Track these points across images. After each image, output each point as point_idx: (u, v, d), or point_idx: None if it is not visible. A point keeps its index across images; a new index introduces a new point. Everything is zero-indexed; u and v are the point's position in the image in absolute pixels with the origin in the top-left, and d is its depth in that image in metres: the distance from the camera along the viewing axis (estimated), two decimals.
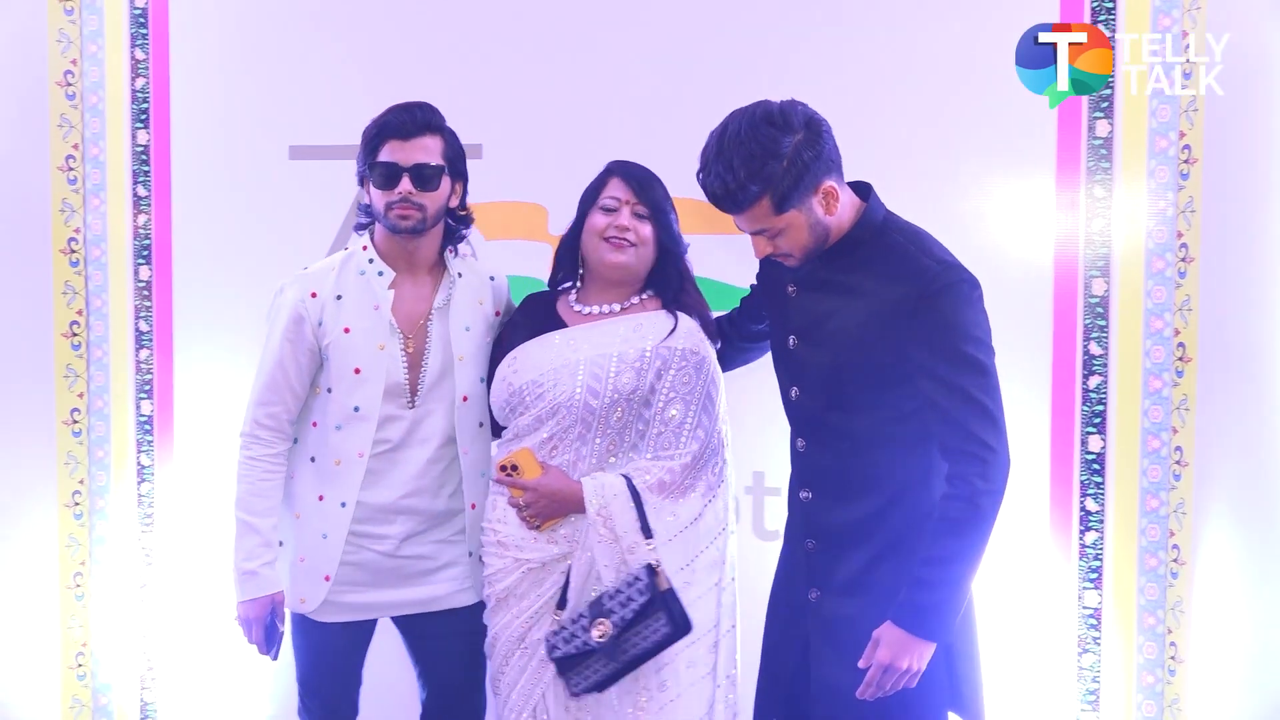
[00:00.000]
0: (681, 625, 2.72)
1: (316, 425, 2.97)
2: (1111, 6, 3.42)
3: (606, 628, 2.73)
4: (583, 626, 2.76)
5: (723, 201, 2.55)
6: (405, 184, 2.86)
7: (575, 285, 3.00)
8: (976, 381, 2.51)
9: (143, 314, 4.04)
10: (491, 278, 3.09)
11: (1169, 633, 3.43)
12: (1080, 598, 3.52)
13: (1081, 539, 3.52)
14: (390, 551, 2.96)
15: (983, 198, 3.54)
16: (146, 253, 4.03)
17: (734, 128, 2.52)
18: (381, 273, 2.95)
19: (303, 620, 3.02)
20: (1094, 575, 3.51)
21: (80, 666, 4.10)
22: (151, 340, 4.04)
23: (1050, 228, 3.50)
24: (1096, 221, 3.47)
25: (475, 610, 3.01)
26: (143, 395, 4.06)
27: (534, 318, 2.98)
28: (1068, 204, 3.49)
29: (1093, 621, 3.51)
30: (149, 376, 4.05)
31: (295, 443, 3.00)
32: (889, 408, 2.61)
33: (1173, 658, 3.43)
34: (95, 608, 4.08)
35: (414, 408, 2.94)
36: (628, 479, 2.81)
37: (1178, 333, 3.41)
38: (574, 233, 2.96)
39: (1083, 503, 3.52)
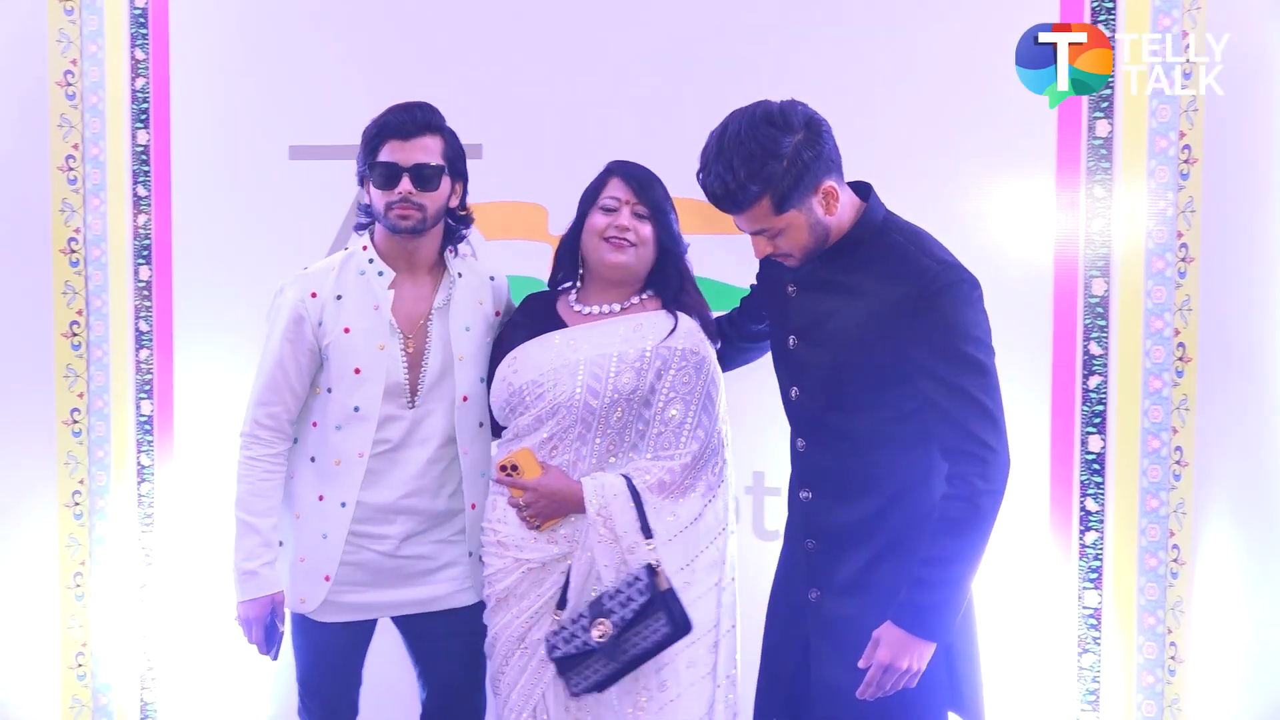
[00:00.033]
0: (681, 625, 2.72)
1: (316, 425, 2.97)
2: (1111, 6, 3.42)
3: (606, 628, 2.73)
4: (583, 626, 2.75)
5: (723, 202, 2.55)
6: (405, 184, 2.86)
7: (575, 285, 3.00)
8: (976, 381, 2.51)
9: (143, 314, 4.04)
10: (491, 278, 3.09)
11: (1169, 633, 3.43)
12: (1080, 598, 3.52)
13: (1081, 539, 3.52)
14: (390, 551, 2.96)
15: (983, 198, 3.54)
16: (146, 253, 4.03)
17: (734, 128, 2.52)
18: (381, 273, 2.95)
19: (303, 620, 3.02)
20: (1094, 575, 3.51)
21: (80, 666, 4.10)
22: (151, 340, 4.04)
23: (1050, 228, 3.50)
24: (1096, 221, 3.47)
25: (475, 610, 3.01)
26: (143, 395, 4.06)
27: (534, 318, 2.98)
28: (1068, 204, 3.49)
29: (1093, 621, 3.51)
30: (149, 376, 4.05)
31: (295, 443, 3.00)
32: (889, 408, 2.61)
33: (1173, 658, 3.43)
34: (95, 608, 4.08)
35: (414, 408, 2.94)
36: (628, 479, 2.81)
37: (1178, 333, 3.41)
38: (574, 233, 2.96)
39: (1083, 503, 3.52)
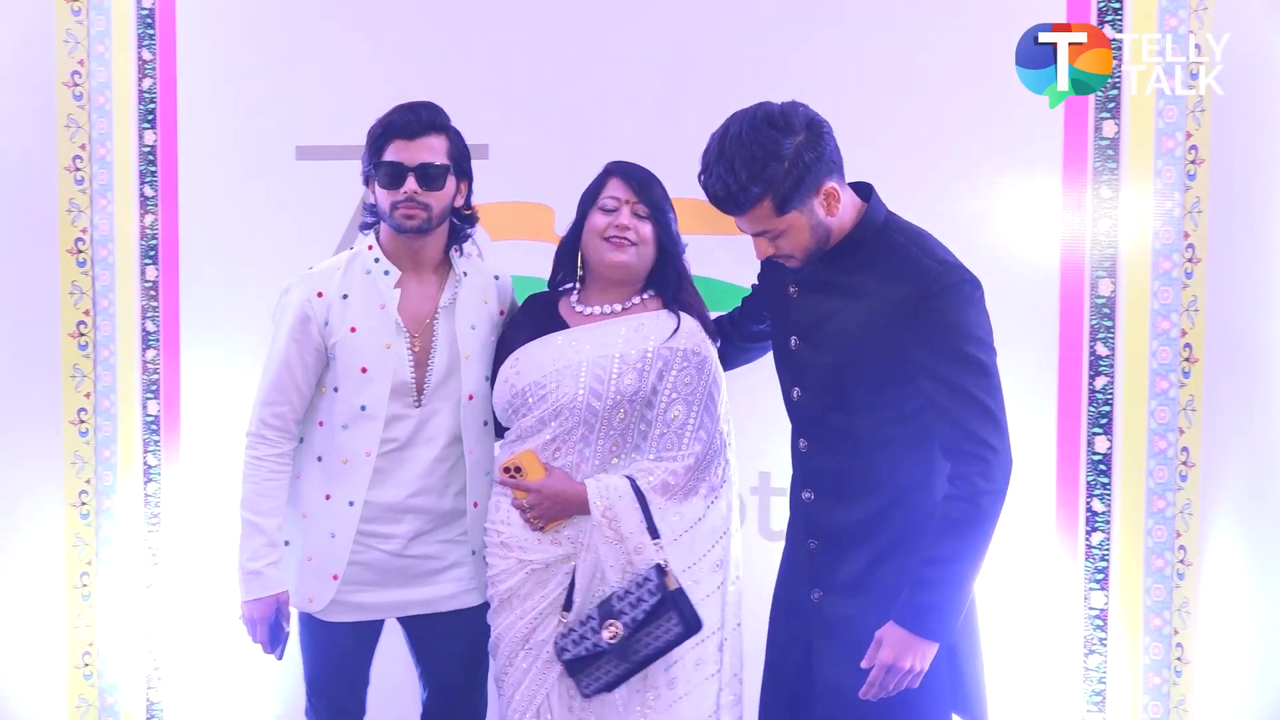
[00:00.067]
0: (693, 624, 2.73)
1: (323, 425, 2.97)
2: (1118, 7, 3.42)
3: (618, 629, 2.73)
4: (592, 628, 2.75)
5: (724, 203, 2.55)
6: (410, 183, 2.86)
7: (576, 286, 3.00)
8: (978, 381, 2.51)
9: (149, 314, 4.05)
10: (496, 276, 3.10)
11: (1175, 634, 3.43)
12: (1086, 598, 3.51)
13: (1088, 540, 3.51)
14: (398, 551, 2.96)
15: (989, 198, 3.53)
16: (153, 253, 4.03)
17: (735, 129, 2.52)
18: (387, 271, 2.95)
19: (310, 620, 3.02)
20: (1100, 576, 3.50)
21: (86, 666, 4.10)
22: (158, 340, 4.05)
23: (1056, 228, 3.50)
24: (1103, 222, 3.47)
25: (479, 611, 3.01)
26: (149, 395, 4.07)
27: (536, 318, 2.98)
28: (1074, 204, 3.49)
29: (1099, 622, 3.50)
30: (155, 376, 4.06)
31: (301, 442, 3.00)
32: (891, 408, 2.61)
33: (1179, 659, 3.42)
34: (101, 607, 4.08)
35: (420, 406, 2.94)
36: (631, 480, 2.81)
37: (1184, 333, 3.40)
38: (574, 233, 2.96)
39: (1089, 503, 3.51)
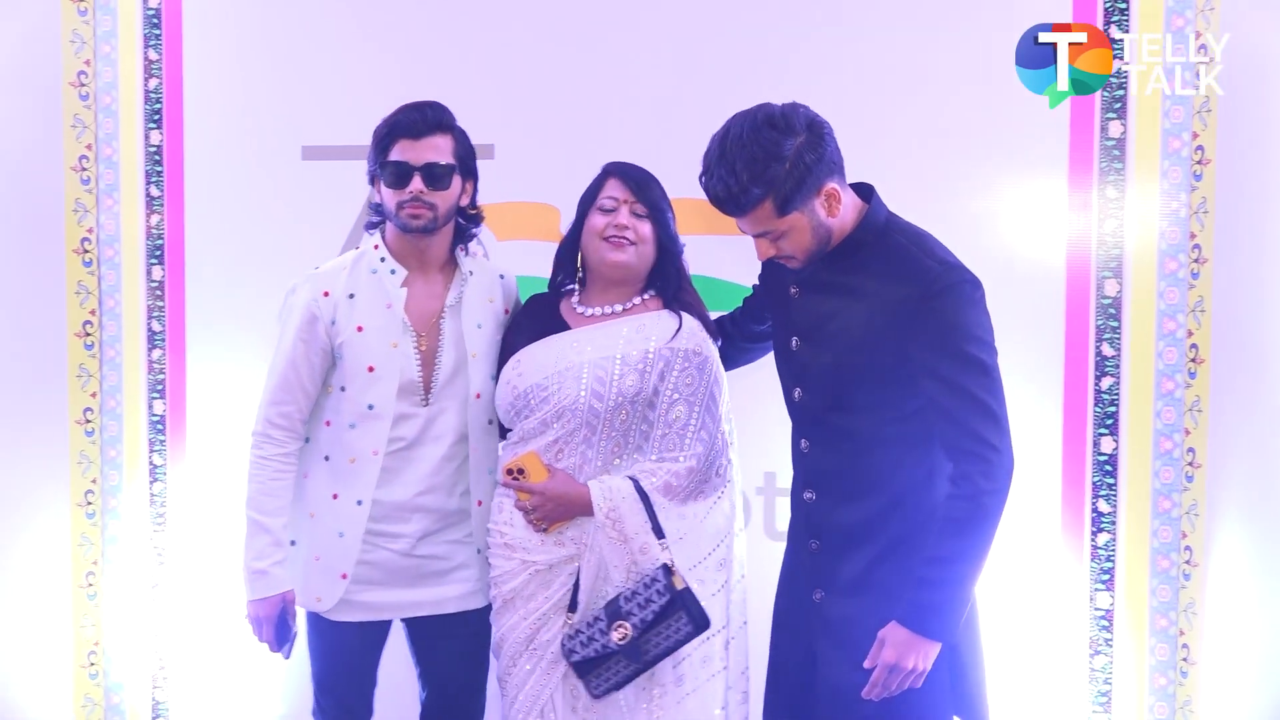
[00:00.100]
0: (702, 622, 2.73)
1: (330, 424, 2.97)
2: (1125, 7, 3.42)
3: (627, 630, 2.73)
4: (600, 630, 2.75)
5: (725, 204, 2.55)
6: (416, 183, 2.86)
7: (577, 287, 3.00)
8: (979, 381, 2.51)
9: (155, 314, 4.05)
10: (501, 276, 3.10)
11: (1181, 634, 3.42)
12: (1092, 599, 3.51)
13: (1093, 540, 3.51)
14: (406, 550, 2.95)
15: (995, 199, 3.53)
16: (159, 252, 4.04)
17: (736, 131, 2.52)
18: (394, 271, 2.95)
19: (318, 620, 3.02)
20: (1106, 577, 3.50)
21: (92, 665, 4.11)
22: (164, 340, 4.05)
23: (1063, 228, 3.49)
24: (1109, 222, 3.46)
25: (482, 613, 3.01)
26: (155, 395, 4.07)
27: (537, 320, 2.98)
28: (1080, 205, 3.48)
29: (1104, 623, 3.50)
30: (161, 376, 4.06)
31: (307, 442, 3.00)
32: (891, 408, 2.61)
33: (1185, 660, 3.42)
34: (107, 607, 4.08)
35: (428, 405, 2.94)
36: (635, 481, 2.81)
37: (1190, 334, 3.40)
38: (573, 234, 2.96)
39: (1095, 504, 3.51)
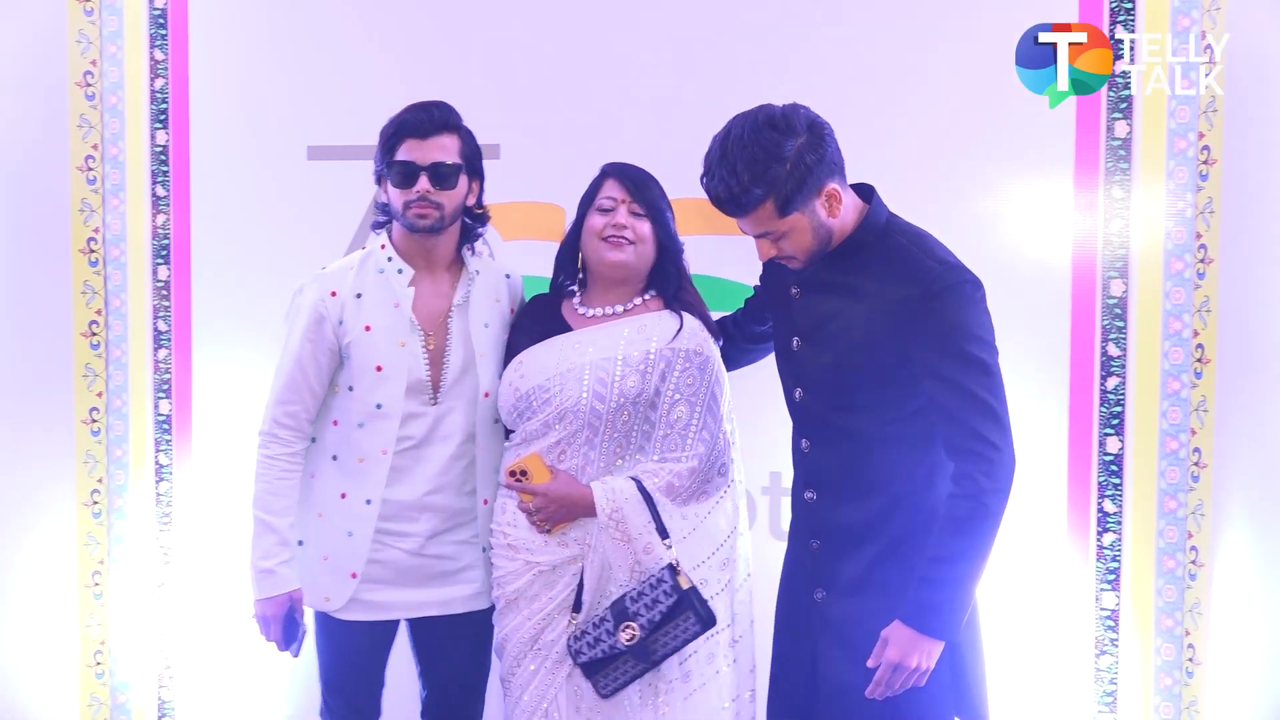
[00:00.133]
0: (708, 620, 2.74)
1: (337, 424, 2.97)
2: (1131, 6, 3.41)
3: (635, 631, 2.73)
4: (608, 630, 2.76)
5: (726, 205, 2.55)
6: (423, 183, 2.87)
7: (578, 288, 3.00)
8: (980, 381, 2.51)
9: (161, 313, 4.06)
10: (507, 275, 3.11)
11: (1187, 635, 3.42)
12: (1098, 599, 3.50)
13: (1099, 540, 3.51)
14: (415, 550, 2.96)
15: (1001, 199, 3.53)
16: (165, 252, 4.04)
17: (737, 132, 2.53)
18: (401, 270, 2.96)
19: (326, 620, 3.02)
20: (1111, 577, 3.50)
21: (98, 665, 4.11)
22: (170, 340, 4.06)
23: (1068, 228, 3.49)
24: (1115, 222, 3.46)
25: (485, 613, 3.02)
26: (161, 394, 4.07)
27: (539, 321, 2.99)
28: (1086, 205, 3.48)
29: (1110, 623, 3.50)
30: (167, 376, 4.06)
31: (314, 442, 3.00)
32: (892, 408, 2.61)
33: (1190, 659, 3.41)
34: (114, 606, 4.09)
35: (436, 404, 2.95)
36: (637, 481, 2.81)
37: (1196, 334, 3.40)
38: (573, 235, 2.97)
39: (1100, 504, 3.51)
